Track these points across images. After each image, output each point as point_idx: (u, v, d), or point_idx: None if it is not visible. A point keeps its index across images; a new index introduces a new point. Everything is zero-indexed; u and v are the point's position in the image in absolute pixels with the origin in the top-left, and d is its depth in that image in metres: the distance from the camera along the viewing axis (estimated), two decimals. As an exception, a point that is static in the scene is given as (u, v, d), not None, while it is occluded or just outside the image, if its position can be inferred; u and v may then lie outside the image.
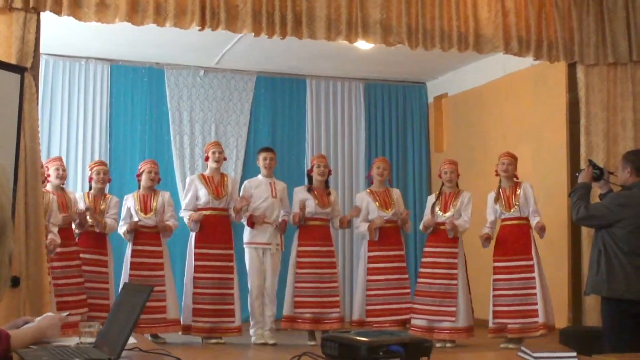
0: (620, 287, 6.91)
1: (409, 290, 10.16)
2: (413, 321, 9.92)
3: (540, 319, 9.49)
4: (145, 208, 9.96)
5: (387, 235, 10.23)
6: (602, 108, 9.54)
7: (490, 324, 9.77)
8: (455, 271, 9.86)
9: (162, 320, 9.78)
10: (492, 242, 9.92)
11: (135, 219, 9.90)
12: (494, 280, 9.79)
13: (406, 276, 10.21)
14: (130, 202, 10.02)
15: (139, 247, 9.91)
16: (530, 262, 9.63)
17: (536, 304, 9.52)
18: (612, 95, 9.61)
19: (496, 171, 9.94)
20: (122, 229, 9.94)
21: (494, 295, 9.77)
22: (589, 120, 9.55)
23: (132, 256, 9.88)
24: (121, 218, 10.01)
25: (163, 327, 9.84)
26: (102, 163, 10.28)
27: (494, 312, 9.75)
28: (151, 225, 9.97)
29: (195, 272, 9.89)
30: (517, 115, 12.10)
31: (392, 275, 10.14)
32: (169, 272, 10.04)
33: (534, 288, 9.56)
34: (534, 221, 9.70)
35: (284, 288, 10.26)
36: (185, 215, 10.04)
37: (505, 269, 9.71)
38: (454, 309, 9.78)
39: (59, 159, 9.89)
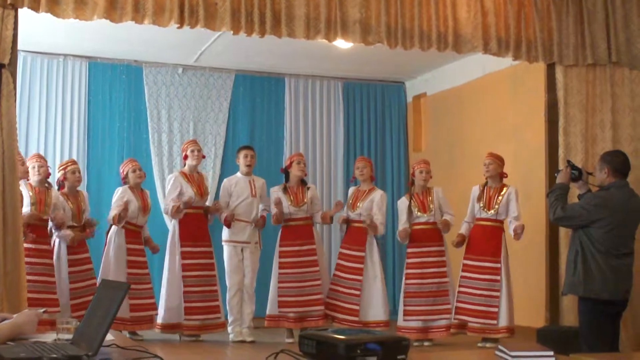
0: (596, 287, 6.95)
1: (359, 293, 10.10)
2: (405, 323, 9.93)
3: (502, 322, 9.56)
4: (144, 208, 10.02)
5: (352, 235, 10.26)
6: (581, 109, 9.56)
7: (452, 320, 9.81)
8: (444, 269, 9.96)
9: (151, 317, 9.90)
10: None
11: (134, 217, 9.91)
12: (462, 277, 9.85)
13: (360, 278, 10.15)
14: (129, 196, 9.96)
15: (133, 246, 9.97)
16: (498, 265, 9.68)
17: (498, 306, 9.59)
18: (591, 97, 9.62)
19: (483, 172, 9.98)
20: (111, 214, 9.90)
21: (459, 292, 9.84)
22: (567, 121, 9.56)
23: (128, 254, 9.90)
24: (112, 208, 9.94)
25: (150, 324, 9.90)
26: (74, 162, 10.21)
27: (457, 308, 9.82)
28: (141, 225, 10.04)
29: (183, 270, 9.89)
30: (496, 115, 12.13)
31: (348, 275, 10.15)
32: (148, 270, 10.09)
33: (498, 291, 9.63)
34: (513, 224, 9.72)
35: (263, 286, 10.29)
36: (170, 204, 9.99)
37: (474, 267, 9.77)
38: (449, 306, 9.86)
39: (37, 155, 9.83)
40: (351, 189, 10.64)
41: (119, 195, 9.96)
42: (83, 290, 9.61)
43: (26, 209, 9.01)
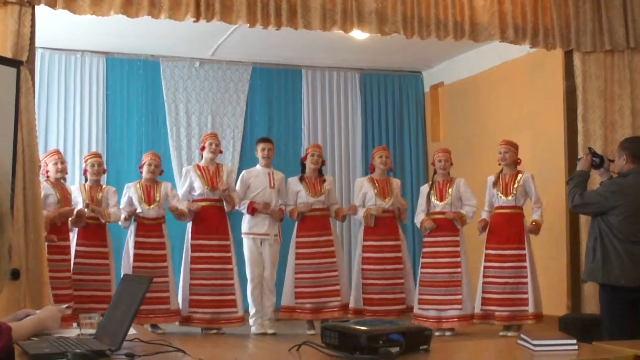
0: (615, 274, 6.92)
1: (403, 281, 10.15)
2: (419, 311, 9.93)
3: (530, 308, 9.52)
4: (148, 199, 9.98)
5: (383, 225, 10.23)
6: (600, 95, 9.52)
7: (477, 310, 9.79)
8: (458, 259, 9.89)
9: (165, 310, 9.82)
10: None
11: (139, 209, 9.91)
12: (485, 267, 9.80)
13: (402, 266, 10.19)
14: (132, 191, 10.02)
15: (142, 239, 9.93)
16: (523, 252, 9.64)
17: (527, 292, 9.55)
18: (610, 83, 9.59)
19: (499, 161, 9.95)
20: (120, 216, 9.93)
21: (484, 283, 9.79)
22: (586, 107, 9.53)
23: (135, 248, 9.89)
24: (121, 206, 9.99)
25: (164, 317, 9.87)
26: (96, 155, 10.25)
27: (483, 299, 9.78)
28: (153, 216, 9.98)
29: (192, 263, 9.91)
30: (513, 103, 12.09)
31: (387, 265, 10.14)
32: (170, 263, 10.05)
33: (526, 277, 9.58)
34: (534, 214, 9.70)
35: (283, 278, 10.29)
36: (179, 207, 10.03)
37: (498, 257, 9.72)
38: (460, 296, 9.81)
39: (56, 152, 9.87)
40: (362, 180, 10.58)
41: (123, 194, 10.06)
42: (87, 283, 9.55)
43: (56, 206, 9.07)
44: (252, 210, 10.05)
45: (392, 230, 10.24)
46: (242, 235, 10.19)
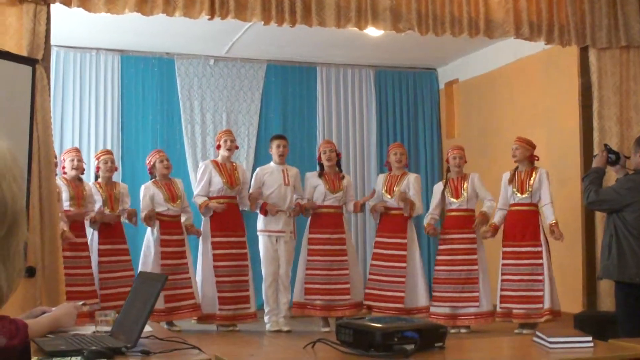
0: (630, 271, 6.91)
1: (404, 280, 10.12)
2: (434, 309, 9.91)
3: (546, 304, 9.48)
4: (172, 197, 9.99)
5: (391, 222, 10.23)
6: (615, 92, 9.50)
7: (498, 309, 9.78)
8: (475, 256, 9.86)
9: (192, 305, 9.87)
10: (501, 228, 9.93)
11: (163, 207, 9.92)
12: (502, 265, 9.78)
13: (404, 265, 10.15)
14: (152, 190, 10.00)
15: (166, 237, 9.94)
16: (539, 249, 9.61)
17: (542, 290, 9.51)
18: (625, 79, 9.57)
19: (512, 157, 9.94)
20: (143, 214, 9.93)
21: (502, 280, 9.76)
22: (601, 104, 9.51)
23: (161, 246, 9.89)
24: (142, 206, 9.99)
25: (193, 312, 9.93)
26: (108, 152, 10.29)
27: (501, 297, 9.75)
28: (177, 213, 10.02)
29: (214, 260, 9.92)
30: (529, 100, 12.07)
31: (390, 263, 10.14)
32: (190, 259, 10.08)
33: (541, 274, 9.54)
34: (547, 214, 9.65)
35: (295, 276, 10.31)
36: (198, 201, 10.05)
37: (514, 254, 9.69)
38: (477, 294, 9.79)
39: (75, 149, 9.91)
40: (382, 176, 10.59)
41: (143, 193, 10.03)
42: (114, 281, 9.63)
43: (65, 203, 9.10)
44: (265, 212, 10.06)
45: (400, 227, 10.21)
46: (258, 233, 10.20)
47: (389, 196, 10.22)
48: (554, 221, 9.58)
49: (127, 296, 8.93)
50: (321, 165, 10.38)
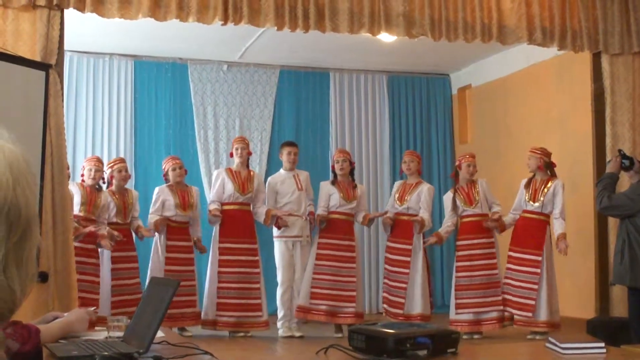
0: (643, 276, 6.91)
1: (405, 286, 10.11)
2: (457, 316, 9.89)
3: (542, 316, 9.46)
4: (183, 204, 9.98)
5: (399, 228, 10.24)
6: (628, 98, 9.50)
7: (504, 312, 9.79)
8: (494, 261, 9.86)
9: (192, 313, 9.86)
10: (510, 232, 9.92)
11: (172, 212, 9.93)
12: (507, 269, 9.80)
13: (407, 271, 10.14)
14: (166, 195, 10.00)
15: (172, 243, 9.94)
16: (539, 258, 9.57)
17: (535, 299, 9.48)
18: (638, 85, 9.56)
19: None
20: (152, 219, 9.95)
21: (505, 284, 9.78)
22: (614, 110, 9.50)
23: (167, 251, 9.90)
24: (152, 209, 9.99)
25: (194, 320, 9.91)
26: (121, 160, 10.30)
27: (503, 300, 9.75)
28: (185, 220, 10.01)
29: (219, 266, 9.91)
30: (541, 105, 12.05)
31: (396, 268, 10.16)
32: (196, 266, 10.09)
33: (536, 284, 9.51)
34: (557, 228, 9.63)
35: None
36: (210, 207, 10.07)
37: (517, 260, 9.69)
38: (499, 298, 9.78)
39: (96, 159, 9.90)
40: (397, 183, 10.62)
41: (155, 197, 10.05)
42: (124, 288, 9.64)
43: (75, 207, 9.12)
44: (279, 226, 10.06)
45: (407, 233, 10.20)
46: (274, 239, 10.20)
47: (399, 204, 10.23)
48: (561, 232, 9.55)
49: (129, 303, 9.02)
50: (334, 174, 10.39)
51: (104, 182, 9.80)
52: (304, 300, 10.09)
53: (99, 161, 9.85)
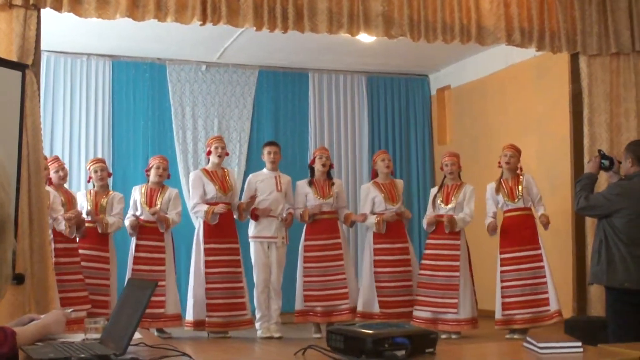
0: (619, 276, 6.93)
1: (411, 283, 10.15)
2: (416, 313, 9.92)
3: (553, 306, 9.50)
4: (150, 202, 9.97)
5: (392, 228, 10.22)
6: (605, 99, 9.53)
7: (499, 316, 9.74)
8: (457, 263, 9.84)
9: (161, 315, 9.79)
10: (497, 233, 9.91)
11: (139, 212, 9.93)
12: (502, 272, 9.75)
13: (410, 268, 10.19)
14: (137, 194, 10.05)
15: (142, 242, 9.95)
16: (539, 252, 9.63)
17: (547, 292, 9.53)
18: (615, 86, 9.59)
19: (499, 163, 9.93)
20: (127, 220, 9.95)
21: (503, 287, 9.73)
22: (592, 110, 9.53)
23: (135, 251, 9.92)
24: (128, 209, 10.01)
25: (162, 322, 9.85)
26: (99, 160, 10.29)
27: (503, 303, 9.71)
28: (153, 220, 9.98)
29: (206, 267, 9.89)
30: (520, 106, 12.09)
31: (397, 268, 10.15)
32: (170, 267, 10.04)
33: (544, 277, 9.56)
34: (539, 212, 9.71)
35: (291, 282, 10.32)
36: (200, 209, 10.02)
37: (513, 259, 9.69)
38: (455, 300, 9.76)
39: (56, 159, 9.85)
40: (368, 186, 10.56)
41: (131, 196, 10.13)
42: (93, 287, 9.59)
43: (61, 208, 9.09)
44: (255, 216, 10.06)
45: (400, 232, 10.24)
46: (250, 239, 10.20)
47: (391, 204, 10.22)
48: (543, 213, 9.63)
49: (99, 304, 8.97)
50: (311, 170, 10.39)
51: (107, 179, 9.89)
52: (300, 304, 10.11)
53: (59, 160, 9.86)
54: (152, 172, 10.09)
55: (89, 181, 10.03)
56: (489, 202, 9.95)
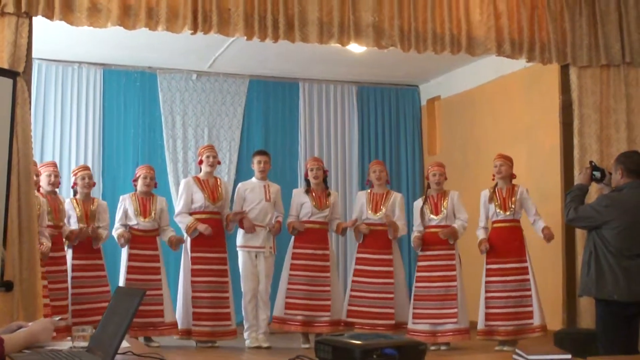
0: (609, 288, 6.93)
1: (393, 296, 10.10)
2: (414, 326, 9.86)
3: (536, 320, 9.48)
4: (144, 211, 9.94)
5: (376, 238, 10.18)
6: (595, 110, 9.55)
7: (481, 326, 9.73)
8: (453, 272, 9.82)
9: (159, 324, 9.76)
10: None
11: (134, 221, 9.89)
12: (487, 282, 9.73)
13: (392, 281, 10.13)
14: (127, 203, 9.99)
15: (136, 251, 9.88)
16: (525, 264, 9.61)
17: (531, 305, 9.50)
18: (605, 97, 9.61)
19: (493, 176, 9.92)
20: (117, 231, 9.91)
21: (487, 298, 9.71)
22: (582, 122, 9.55)
23: (129, 260, 9.85)
24: (117, 219, 9.97)
25: (159, 330, 9.81)
26: (85, 168, 10.23)
27: (486, 314, 9.69)
28: (149, 228, 9.95)
29: (192, 276, 9.87)
30: (510, 117, 12.10)
31: (377, 279, 10.09)
32: (164, 276, 10.01)
33: (529, 290, 9.54)
34: (539, 225, 9.67)
35: (277, 291, 10.28)
36: (182, 220, 10.01)
37: (499, 271, 9.67)
38: (455, 310, 9.73)
39: (52, 164, 9.81)
40: (362, 193, 10.57)
41: (119, 205, 10.06)
42: (87, 296, 9.54)
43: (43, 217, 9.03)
44: (242, 225, 10.05)
45: (384, 244, 10.18)
46: (237, 249, 10.17)
47: (373, 214, 10.19)
48: (545, 225, 9.62)
49: (98, 312, 8.93)
50: (307, 182, 10.39)
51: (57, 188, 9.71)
52: (279, 311, 10.07)
53: (55, 165, 9.78)
54: (140, 182, 10.05)
55: (73, 187, 9.97)
56: (482, 210, 9.93)
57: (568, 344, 8.19)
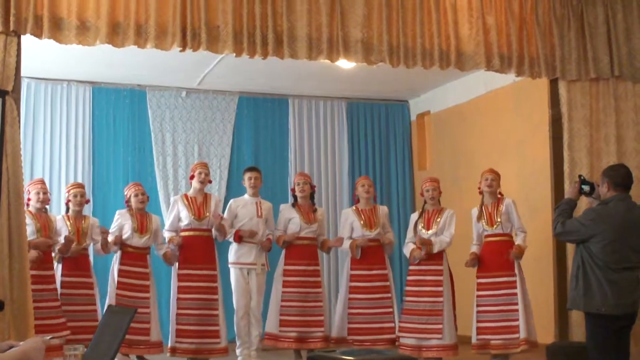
0: (597, 301, 6.95)
1: (391, 310, 10.10)
2: (402, 340, 9.86)
3: (522, 334, 9.47)
4: (141, 228, 9.91)
5: (370, 254, 10.17)
6: (585, 124, 9.56)
7: (474, 340, 9.74)
8: (440, 288, 9.80)
9: (145, 342, 9.71)
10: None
11: (128, 236, 9.85)
12: (478, 296, 9.75)
13: (389, 295, 10.14)
14: (125, 218, 9.94)
15: (127, 268, 9.84)
16: (513, 279, 9.60)
17: (517, 320, 9.50)
18: (595, 111, 9.63)
19: (479, 188, 9.93)
20: (110, 237, 9.86)
21: (478, 312, 9.72)
22: (571, 135, 9.56)
23: (119, 276, 9.81)
24: (110, 231, 9.92)
25: (145, 349, 9.77)
26: (79, 185, 10.21)
27: (478, 328, 9.70)
28: (141, 246, 9.92)
29: (178, 292, 9.84)
30: (500, 131, 12.12)
31: (374, 295, 10.09)
32: (153, 294, 9.96)
33: (516, 304, 9.53)
34: (518, 240, 9.69)
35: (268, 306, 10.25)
36: (167, 235, 10.02)
37: (489, 285, 9.67)
38: (440, 326, 9.71)
39: (41, 181, 9.80)
40: (348, 211, 10.53)
41: (114, 219, 10.02)
42: (74, 314, 9.46)
43: (32, 236, 8.97)
44: (239, 238, 10.03)
45: (379, 259, 10.18)
46: (229, 265, 10.16)
47: (368, 230, 10.17)
48: (517, 244, 9.63)
49: (90, 330, 8.87)
50: (295, 197, 10.38)
51: (47, 205, 9.68)
52: (273, 328, 10.03)
53: (43, 183, 9.75)
54: (133, 200, 10.00)
55: (66, 204, 9.95)
56: (474, 229, 9.94)
57: (560, 357, 8.20)
